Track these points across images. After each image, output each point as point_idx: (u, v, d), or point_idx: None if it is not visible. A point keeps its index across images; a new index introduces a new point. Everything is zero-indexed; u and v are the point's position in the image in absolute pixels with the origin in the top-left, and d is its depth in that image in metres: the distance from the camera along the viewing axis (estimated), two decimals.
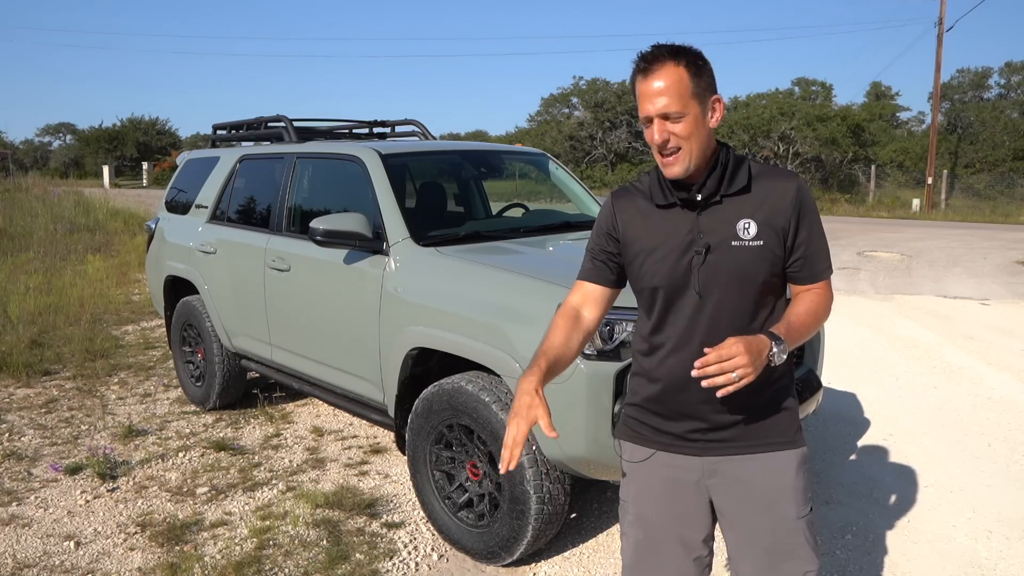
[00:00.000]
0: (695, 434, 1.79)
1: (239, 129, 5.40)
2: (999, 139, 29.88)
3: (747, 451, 1.78)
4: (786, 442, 1.78)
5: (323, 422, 4.88)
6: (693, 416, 1.78)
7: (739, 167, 1.73)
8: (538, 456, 2.87)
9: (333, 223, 3.47)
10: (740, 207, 1.70)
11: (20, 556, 3.24)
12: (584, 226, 4.18)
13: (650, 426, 1.86)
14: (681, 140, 1.65)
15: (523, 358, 2.81)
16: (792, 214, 1.70)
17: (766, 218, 1.69)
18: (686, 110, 1.63)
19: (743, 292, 1.71)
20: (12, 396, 5.44)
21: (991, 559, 3.16)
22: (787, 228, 1.70)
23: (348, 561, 3.15)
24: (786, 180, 1.72)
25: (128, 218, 16.43)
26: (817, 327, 1.75)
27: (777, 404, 1.78)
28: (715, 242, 1.70)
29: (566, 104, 39.07)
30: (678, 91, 1.62)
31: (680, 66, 1.63)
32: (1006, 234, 16.31)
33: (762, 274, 1.70)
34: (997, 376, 5.75)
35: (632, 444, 1.91)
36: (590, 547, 3.29)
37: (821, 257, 1.76)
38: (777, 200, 1.70)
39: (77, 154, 50.80)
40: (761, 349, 1.56)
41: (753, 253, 1.69)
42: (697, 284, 1.71)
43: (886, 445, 4.41)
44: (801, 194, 1.71)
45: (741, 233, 1.69)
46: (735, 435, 1.77)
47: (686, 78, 1.63)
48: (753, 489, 1.78)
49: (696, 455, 1.81)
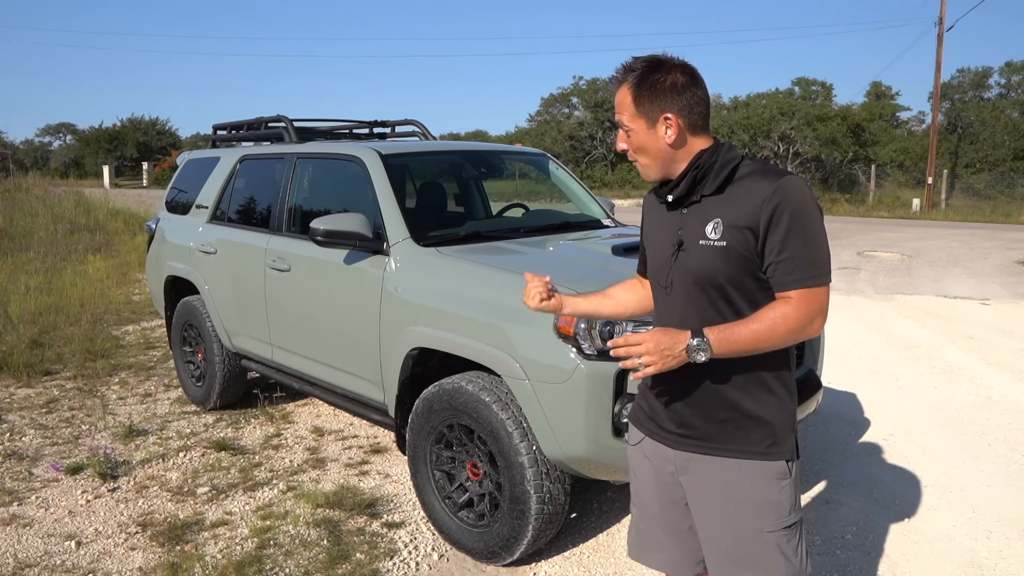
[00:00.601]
0: (669, 424, 1.84)
1: (239, 129, 5.41)
2: (999, 139, 29.88)
3: (716, 453, 1.78)
4: (757, 453, 1.75)
5: (323, 422, 4.88)
6: (667, 407, 1.83)
7: (724, 168, 1.72)
8: (538, 456, 2.87)
9: (333, 223, 3.47)
10: (714, 207, 1.71)
11: (21, 556, 3.24)
12: (584, 226, 4.19)
13: (643, 411, 1.95)
14: (634, 152, 1.79)
15: (523, 358, 2.81)
16: (763, 215, 1.62)
17: (734, 219, 1.67)
18: (632, 125, 1.75)
19: (704, 291, 1.72)
20: (13, 396, 5.44)
21: (991, 559, 3.17)
22: (756, 230, 1.64)
23: (349, 561, 3.15)
24: (765, 180, 1.65)
25: (128, 218, 16.44)
26: (773, 342, 1.64)
27: (747, 412, 1.75)
28: (687, 240, 1.74)
29: (566, 104, 39.10)
30: (623, 108, 1.76)
31: (625, 85, 1.74)
32: (1006, 234, 16.31)
33: (722, 275, 1.69)
34: (997, 376, 5.75)
35: (632, 426, 2.00)
36: (590, 547, 3.30)
37: (794, 265, 1.62)
38: (749, 200, 1.66)
39: (77, 154, 50.83)
40: (674, 344, 1.63)
41: (715, 253, 1.68)
42: (664, 279, 1.81)
43: (886, 445, 4.42)
44: (778, 195, 1.62)
45: (708, 232, 1.70)
46: (703, 434, 1.78)
47: (628, 98, 1.73)
48: (718, 494, 1.78)
49: (671, 447, 1.85)
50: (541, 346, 2.78)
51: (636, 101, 1.72)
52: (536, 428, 2.83)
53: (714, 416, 1.76)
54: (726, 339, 1.64)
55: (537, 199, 6.09)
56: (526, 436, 2.87)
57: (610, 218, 4.52)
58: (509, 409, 2.90)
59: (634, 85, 1.72)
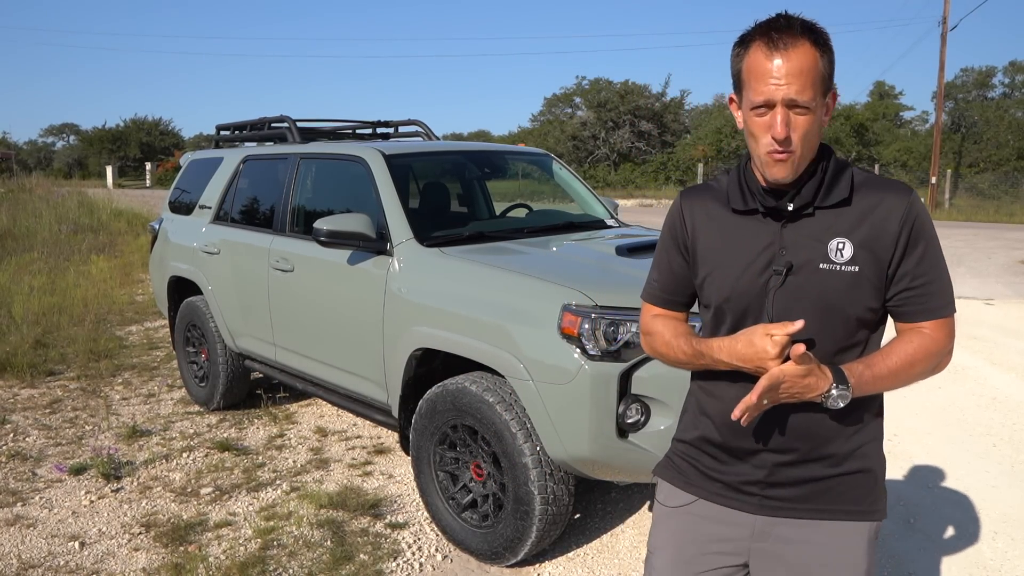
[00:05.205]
0: (752, 487, 1.51)
1: (242, 129, 5.41)
2: (1003, 138, 29.83)
3: (812, 515, 1.49)
4: (862, 512, 1.49)
5: (327, 422, 4.88)
6: (753, 464, 1.51)
7: (840, 175, 1.45)
8: (542, 456, 2.87)
9: (337, 224, 3.47)
10: (835, 223, 1.43)
11: (25, 556, 3.24)
12: (588, 226, 4.18)
13: (698, 469, 1.59)
14: (799, 137, 1.37)
15: (527, 359, 2.81)
16: (899, 236, 1.41)
17: (865, 239, 1.41)
18: (813, 101, 1.36)
19: (827, 325, 1.43)
20: (16, 396, 5.45)
21: (996, 560, 3.16)
22: (891, 253, 1.41)
23: (352, 561, 3.15)
24: (896, 194, 1.43)
25: (131, 218, 16.47)
26: (912, 377, 1.44)
27: (858, 462, 1.49)
28: (799, 262, 1.43)
29: (569, 104, 39.07)
30: (811, 78, 1.34)
31: (815, 48, 1.35)
32: (1010, 234, 16.27)
33: (853, 306, 1.42)
34: (1002, 376, 5.74)
35: (670, 485, 1.64)
36: (594, 548, 3.29)
37: (936, 292, 1.43)
38: (882, 218, 1.41)
39: (80, 155, 50.97)
40: (814, 385, 1.34)
41: (845, 280, 1.41)
42: (771, 309, 1.44)
43: (890, 446, 4.40)
44: (914, 212, 1.41)
45: (832, 255, 1.41)
46: (801, 494, 1.49)
47: (819, 64, 1.35)
48: (808, 562, 1.50)
49: (749, 512, 1.53)
50: (545, 347, 2.77)
51: (827, 70, 1.37)
52: (540, 429, 2.82)
53: (815, 470, 1.48)
54: (865, 383, 1.39)
55: (540, 199, 6.09)
56: (530, 437, 2.86)
57: (614, 218, 4.51)
58: (513, 410, 2.90)
59: (826, 47, 1.37)
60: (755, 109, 1.38)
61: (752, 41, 1.38)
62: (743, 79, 1.40)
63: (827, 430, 1.46)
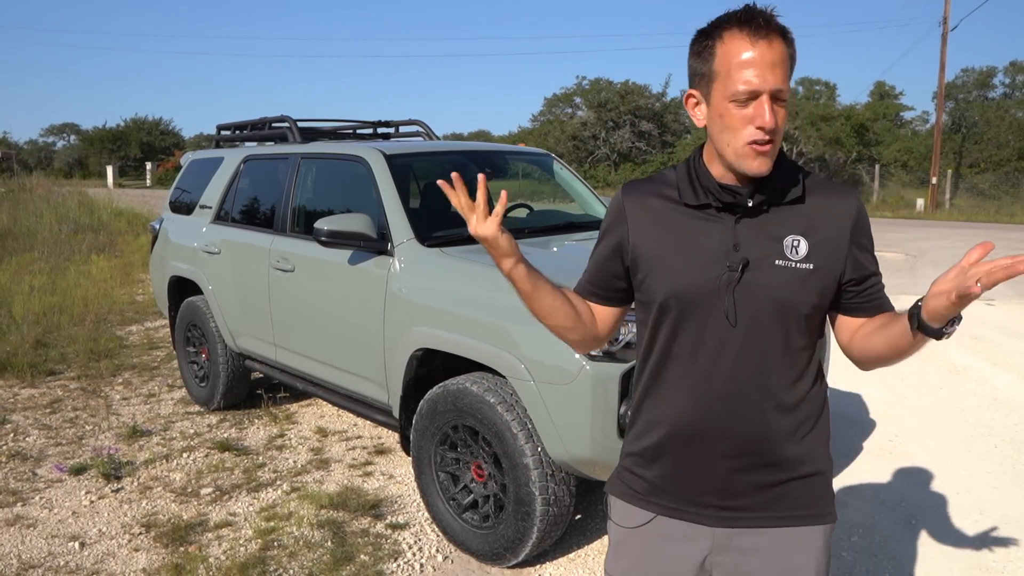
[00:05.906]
0: (709, 497, 1.46)
1: (243, 129, 5.41)
2: (1004, 138, 29.80)
3: (769, 523, 1.46)
4: (816, 515, 1.47)
5: (327, 423, 4.88)
6: (707, 474, 1.46)
7: (793, 173, 1.44)
8: (543, 457, 2.86)
9: (337, 224, 3.47)
10: (789, 220, 1.42)
11: (25, 556, 3.24)
12: (589, 226, 4.17)
13: (649, 482, 1.52)
14: (777, 130, 1.35)
15: (528, 359, 2.80)
16: (852, 236, 1.43)
17: (820, 238, 1.41)
18: (787, 94, 1.35)
19: (782, 324, 1.41)
20: (17, 396, 5.45)
21: (998, 561, 3.15)
22: (843, 253, 1.42)
23: (352, 562, 3.15)
24: (847, 196, 1.45)
25: (132, 218, 16.47)
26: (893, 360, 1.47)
27: (810, 465, 1.46)
28: (755, 258, 1.39)
29: (569, 104, 39.05)
30: (787, 70, 1.33)
31: (779, 38, 1.32)
32: (1011, 234, 16.25)
33: (807, 304, 1.41)
34: (1003, 376, 5.73)
35: (624, 503, 1.55)
36: (595, 548, 3.29)
37: (882, 288, 1.48)
38: (836, 218, 1.42)
39: (81, 154, 50.97)
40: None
41: (800, 277, 1.39)
42: (732, 309, 1.39)
43: (892, 446, 4.40)
44: (863, 214, 1.46)
45: (788, 251, 1.40)
46: (757, 502, 1.45)
47: (786, 55, 1.34)
48: (767, 571, 1.47)
49: (706, 524, 1.47)
50: (546, 347, 2.76)
51: (792, 60, 1.35)
52: (541, 429, 2.82)
53: (771, 475, 1.45)
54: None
55: (541, 199, 6.09)
56: (531, 437, 2.86)
57: None
58: (514, 410, 2.89)
59: (790, 40, 1.34)
60: (735, 101, 1.33)
61: (725, 31, 1.33)
62: (716, 70, 1.34)
63: (778, 434, 1.44)
